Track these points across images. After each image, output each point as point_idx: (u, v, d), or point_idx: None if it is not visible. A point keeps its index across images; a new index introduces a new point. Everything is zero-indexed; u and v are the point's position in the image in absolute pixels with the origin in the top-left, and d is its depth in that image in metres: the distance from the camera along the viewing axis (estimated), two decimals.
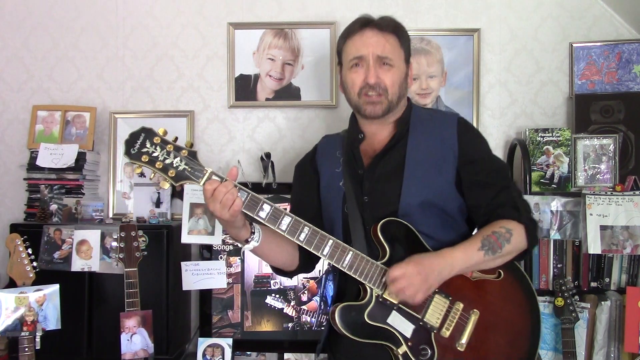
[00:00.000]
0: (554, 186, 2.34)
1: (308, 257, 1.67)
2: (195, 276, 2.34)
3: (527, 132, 2.39)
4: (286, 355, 2.41)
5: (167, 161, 1.39)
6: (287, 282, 2.39)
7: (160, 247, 2.29)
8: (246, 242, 1.53)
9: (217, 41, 2.63)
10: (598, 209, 2.22)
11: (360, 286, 1.53)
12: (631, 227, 2.20)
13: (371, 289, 1.50)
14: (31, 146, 2.54)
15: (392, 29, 1.61)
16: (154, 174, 1.42)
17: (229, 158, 2.63)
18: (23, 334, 2.02)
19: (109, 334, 2.20)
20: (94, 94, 2.65)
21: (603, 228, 2.20)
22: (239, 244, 1.56)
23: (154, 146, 1.39)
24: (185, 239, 2.32)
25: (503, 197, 1.55)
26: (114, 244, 2.23)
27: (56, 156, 2.45)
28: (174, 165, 1.39)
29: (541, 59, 2.58)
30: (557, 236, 2.28)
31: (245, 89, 2.61)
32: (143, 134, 1.40)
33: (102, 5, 2.65)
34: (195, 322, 2.55)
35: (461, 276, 1.52)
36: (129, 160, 1.40)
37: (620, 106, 2.44)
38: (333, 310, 1.50)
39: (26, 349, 2.01)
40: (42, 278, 2.15)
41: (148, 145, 1.39)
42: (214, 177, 1.41)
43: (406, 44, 1.64)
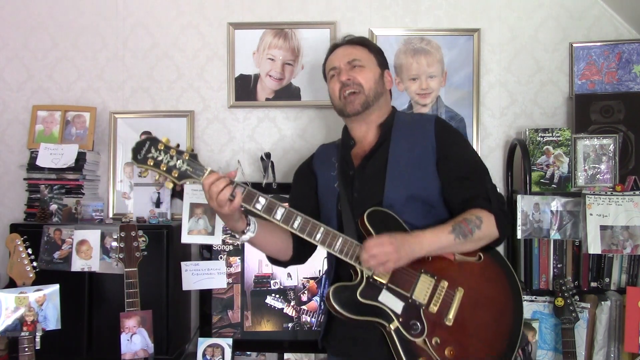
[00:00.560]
0: (554, 186, 2.34)
1: (301, 248, 1.82)
2: (195, 276, 2.34)
3: (527, 132, 2.38)
4: (286, 355, 2.41)
5: (171, 163, 1.56)
6: (287, 282, 2.40)
7: (160, 247, 2.29)
8: (242, 233, 1.67)
9: (217, 41, 2.63)
10: (598, 209, 2.21)
11: (352, 270, 1.66)
12: (631, 227, 2.20)
13: (362, 271, 1.63)
14: (31, 146, 2.54)
15: (359, 41, 1.85)
16: (159, 175, 1.57)
17: (229, 158, 2.63)
18: (23, 334, 2.02)
19: (109, 334, 2.20)
20: (94, 94, 2.65)
21: (603, 228, 2.20)
22: (236, 235, 1.71)
23: (158, 152, 1.56)
24: (185, 239, 2.32)
25: (476, 190, 1.69)
26: (114, 244, 2.23)
27: (56, 156, 2.45)
28: (177, 167, 1.56)
29: (541, 59, 2.58)
30: (557, 236, 2.28)
31: (245, 89, 2.61)
32: (148, 142, 1.57)
33: (102, 5, 2.65)
34: (195, 322, 2.55)
35: (444, 258, 1.66)
36: (136, 164, 1.57)
37: (620, 106, 2.44)
38: (328, 291, 1.63)
39: (26, 349, 2.01)
40: (42, 278, 2.16)
41: (153, 151, 1.56)
42: (213, 175, 1.55)
43: (377, 53, 1.85)
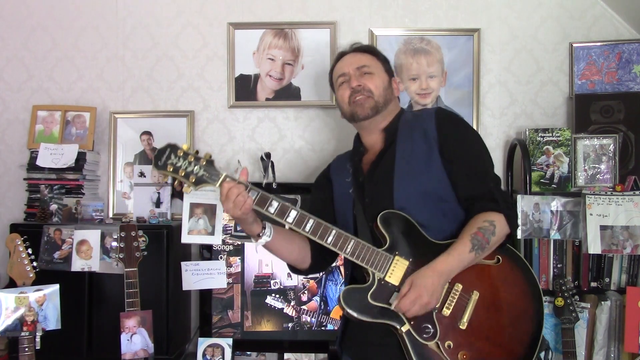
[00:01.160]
0: (554, 186, 2.34)
1: (320, 255, 1.80)
2: (195, 276, 2.34)
3: (527, 132, 2.38)
4: (286, 355, 2.41)
5: (189, 169, 1.62)
6: (287, 282, 2.40)
7: (160, 247, 2.29)
8: (258, 236, 1.69)
9: (217, 41, 2.63)
10: (598, 209, 2.21)
11: (365, 273, 1.64)
12: (631, 227, 2.20)
13: (374, 273, 1.61)
14: (31, 146, 2.54)
15: (366, 49, 1.87)
16: (177, 180, 1.64)
17: (229, 158, 2.63)
18: (23, 334, 2.02)
19: (109, 334, 2.20)
20: (94, 94, 2.65)
21: (603, 228, 2.20)
22: (252, 240, 1.72)
23: (177, 158, 1.63)
24: (185, 239, 2.32)
25: (481, 188, 1.65)
26: (114, 244, 2.23)
27: (56, 156, 2.45)
28: (194, 172, 1.62)
29: (541, 59, 2.58)
30: (557, 236, 2.27)
31: (245, 89, 2.61)
32: (169, 149, 1.64)
33: (102, 5, 2.65)
34: (195, 322, 2.55)
35: None
36: (157, 170, 1.64)
37: (620, 106, 2.43)
38: (340, 294, 1.62)
39: (26, 349, 2.01)
40: (42, 278, 2.16)
41: (172, 157, 1.63)
42: (228, 180, 1.62)
43: (384, 60, 1.86)
